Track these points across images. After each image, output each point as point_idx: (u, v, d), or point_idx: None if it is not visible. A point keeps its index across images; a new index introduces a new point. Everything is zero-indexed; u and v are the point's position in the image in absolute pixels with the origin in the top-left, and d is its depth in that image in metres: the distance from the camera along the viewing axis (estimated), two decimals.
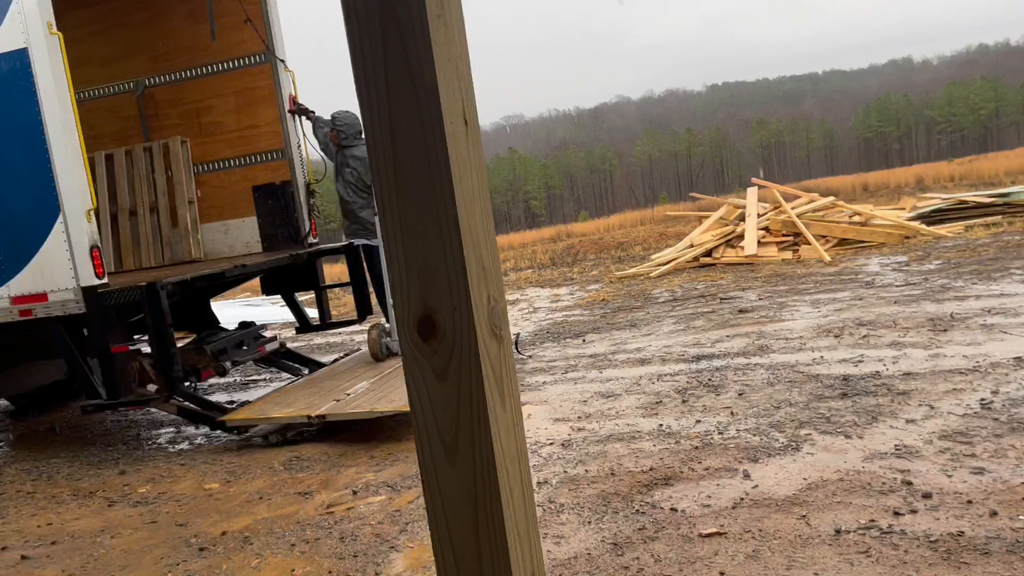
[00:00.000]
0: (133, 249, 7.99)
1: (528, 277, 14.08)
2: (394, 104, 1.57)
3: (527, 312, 10.09)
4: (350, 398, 5.71)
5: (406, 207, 1.65)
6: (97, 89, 8.18)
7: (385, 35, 1.56)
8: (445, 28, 1.58)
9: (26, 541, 4.17)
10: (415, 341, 1.69)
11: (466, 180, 1.64)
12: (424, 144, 1.59)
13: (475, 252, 1.67)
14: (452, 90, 1.59)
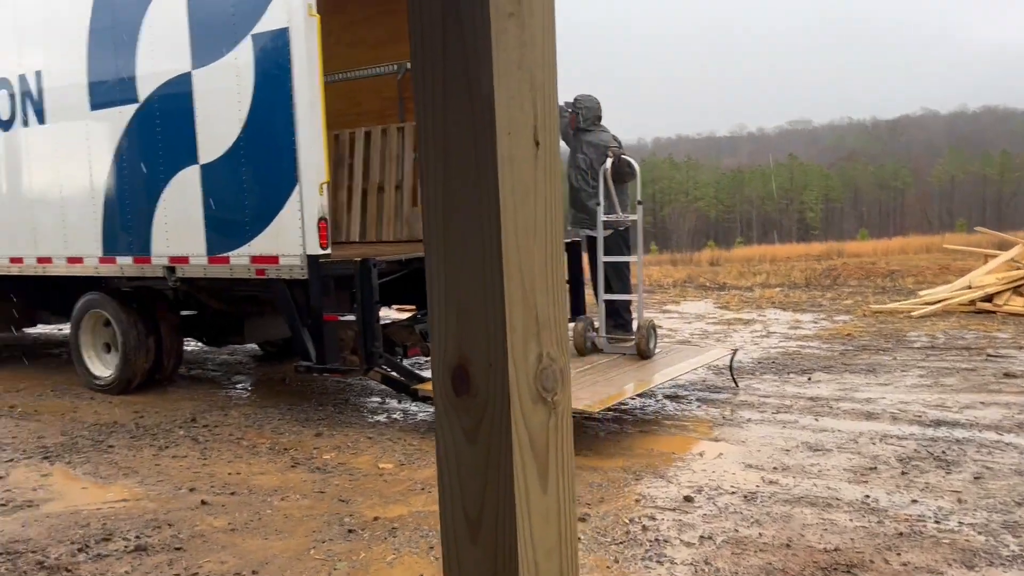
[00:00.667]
0: (376, 223, 8.46)
1: (772, 296, 13.13)
2: (449, 116, 1.33)
3: (758, 336, 9.37)
4: None
5: (450, 235, 1.40)
6: (366, 69, 8.72)
7: (445, 32, 1.32)
8: (519, 29, 1.30)
9: (212, 486, 4.51)
10: (447, 392, 1.43)
11: (524, 211, 1.36)
12: (475, 165, 1.33)
13: (526, 299, 1.38)
14: (520, 104, 1.31)
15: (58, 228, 7.10)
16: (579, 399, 5.27)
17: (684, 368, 6.40)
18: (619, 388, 5.65)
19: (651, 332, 6.50)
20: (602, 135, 7.05)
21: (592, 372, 6.08)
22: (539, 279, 1.40)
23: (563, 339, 1.47)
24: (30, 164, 7.29)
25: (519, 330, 1.37)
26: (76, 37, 6.66)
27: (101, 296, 7.11)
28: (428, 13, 1.30)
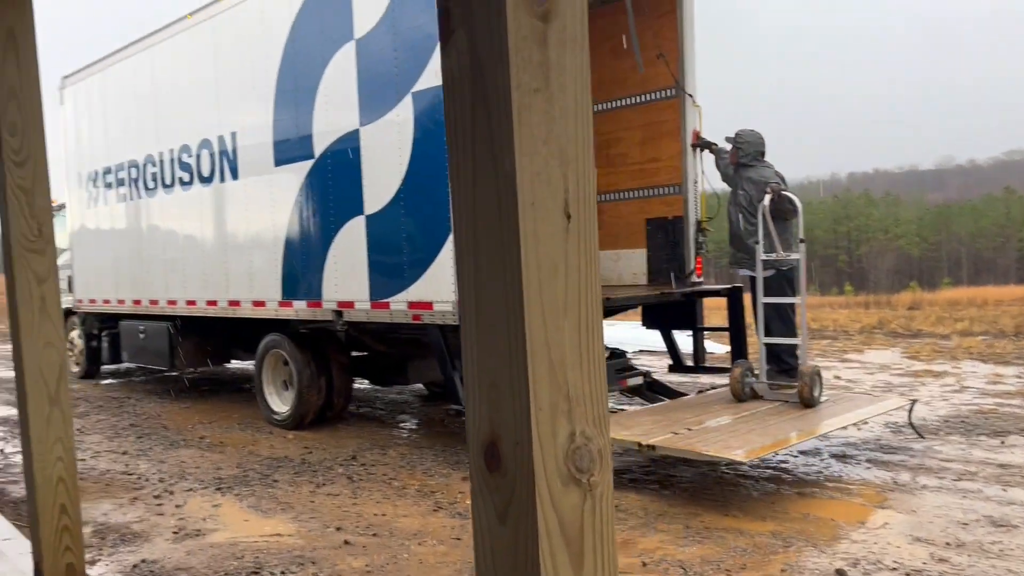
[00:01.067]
0: None
1: (973, 346, 11.94)
2: (478, 193, 1.35)
3: (949, 390, 8.54)
4: (690, 433, 5.39)
5: (480, 309, 1.41)
6: None
7: (474, 110, 1.34)
8: (547, 104, 1.30)
9: (357, 526, 4.69)
10: (480, 468, 1.43)
11: (552, 287, 1.34)
12: (500, 242, 1.34)
13: (554, 376, 1.36)
14: (547, 179, 1.31)
15: (245, 274, 7.77)
16: (730, 448, 5.03)
17: (853, 418, 5.94)
18: (775, 437, 5.31)
19: (816, 379, 6.09)
20: (764, 171, 6.78)
21: (748, 420, 5.78)
22: (570, 356, 1.36)
23: (601, 417, 1.41)
24: (225, 216, 8.05)
25: (546, 408, 1.33)
26: (264, 100, 7.33)
27: (280, 337, 7.67)
28: (460, 90, 1.32)
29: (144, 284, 9.24)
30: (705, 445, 5.08)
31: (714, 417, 5.82)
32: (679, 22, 7.40)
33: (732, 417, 5.84)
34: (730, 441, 5.17)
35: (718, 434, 5.36)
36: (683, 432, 5.42)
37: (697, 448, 5.05)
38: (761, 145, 6.90)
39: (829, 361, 11.05)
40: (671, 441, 5.22)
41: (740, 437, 5.28)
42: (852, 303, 35.48)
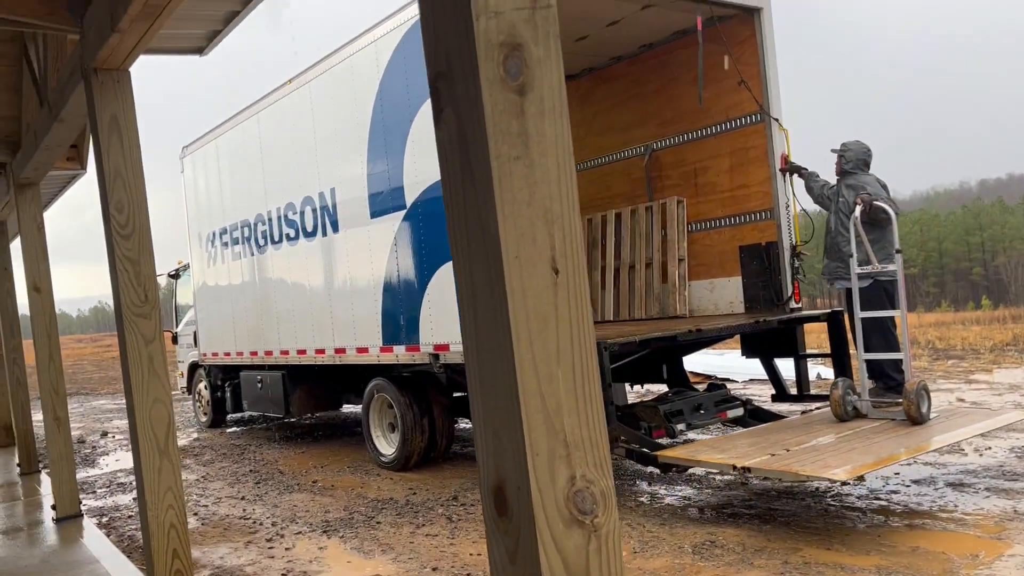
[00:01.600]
0: (628, 301, 8.59)
1: None
2: (472, 255, 1.48)
3: None
4: (787, 454, 5.23)
5: (482, 362, 1.54)
6: (616, 153, 9.02)
7: (463, 178, 1.48)
8: (528, 170, 1.43)
9: (453, 566, 4.80)
10: (491, 511, 1.54)
11: (544, 339, 1.45)
12: (493, 297, 1.46)
13: (550, 422, 1.46)
14: (532, 238, 1.43)
15: (349, 322, 8.13)
16: (828, 467, 4.85)
17: (966, 433, 5.60)
18: (879, 456, 5.06)
19: (922, 394, 5.80)
20: (863, 178, 6.61)
21: (850, 439, 5.53)
22: (566, 403, 1.44)
23: (602, 460, 1.48)
24: (328, 267, 8.47)
25: (543, 454, 1.42)
26: (358, 155, 7.72)
27: (384, 381, 7.96)
28: (450, 161, 1.45)
29: (260, 336, 9.78)
30: (802, 465, 4.92)
31: (815, 438, 5.63)
32: (759, 47, 7.34)
33: (834, 437, 5.64)
34: (829, 460, 4.99)
35: (817, 454, 5.18)
36: (780, 453, 5.27)
37: (794, 468, 4.90)
38: (865, 154, 6.74)
39: (953, 383, 10.46)
40: (767, 463, 5.08)
41: (841, 456, 5.09)
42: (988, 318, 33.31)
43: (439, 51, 1.41)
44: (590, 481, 1.42)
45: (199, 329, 11.43)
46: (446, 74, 1.40)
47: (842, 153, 6.80)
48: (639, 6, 7.23)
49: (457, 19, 1.35)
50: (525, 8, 1.33)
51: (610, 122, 9.00)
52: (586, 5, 7.01)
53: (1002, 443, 6.91)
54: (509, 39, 1.32)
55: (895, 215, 6.30)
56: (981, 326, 25.90)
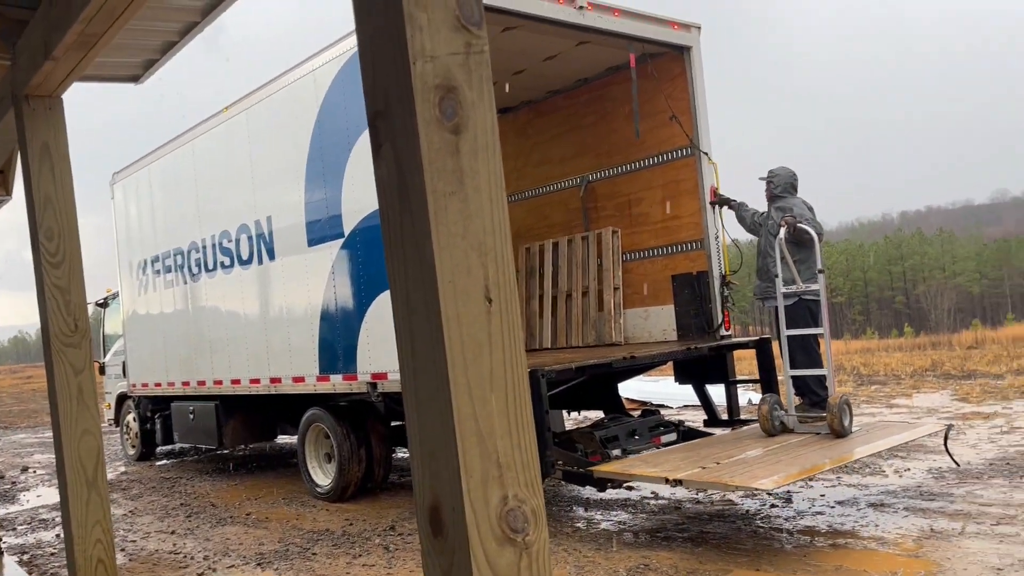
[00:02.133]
0: (565, 328, 8.71)
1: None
2: (410, 284, 1.54)
3: (999, 432, 8.32)
4: (718, 467, 5.41)
5: (419, 387, 1.59)
6: (553, 184, 9.20)
7: (401, 212, 1.54)
8: (463, 204, 1.50)
9: None
10: (426, 532, 1.59)
11: (478, 364, 1.51)
12: (429, 325, 1.52)
13: (483, 445, 1.52)
14: (466, 269, 1.49)
15: (285, 351, 8.04)
16: (755, 477, 5.05)
17: (886, 444, 5.92)
18: (804, 467, 5.29)
19: (844, 408, 6.06)
20: (791, 201, 6.92)
21: (777, 452, 5.76)
22: (499, 426, 1.51)
23: (533, 480, 1.55)
24: (264, 296, 8.39)
25: (477, 475, 1.49)
26: (296, 184, 7.69)
27: (321, 411, 7.89)
28: (389, 195, 1.52)
29: (192, 366, 9.59)
30: (732, 476, 5.11)
31: (744, 451, 5.84)
32: (689, 84, 7.61)
33: (762, 450, 5.85)
34: (757, 471, 5.20)
35: (746, 466, 5.39)
36: (711, 466, 5.44)
37: (724, 479, 5.08)
38: (791, 178, 7.06)
39: (875, 407, 10.85)
40: (698, 475, 5.27)
41: (768, 467, 5.31)
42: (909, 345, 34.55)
43: (378, 91, 1.48)
44: (522, 500, 1.48)
45: (128, 359, 11.13)
46: (384, 113, 1.47)
47: (770, 180, 7.12)
48: (575, 42, 7.44)
49: (395, 61, 1.42)
50: (459, 53, 1.41)
51: (547, 154, 9.18)
52: (524, 40, 7.18)
53: (920, 464, 7.21)
54: (444, 82, 1.40)
55: (818, 236, 6.57)
56: (903, 352, 26.89)
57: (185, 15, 3.28)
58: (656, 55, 7.58)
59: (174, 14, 3.25)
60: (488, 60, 1.45)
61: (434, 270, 1.39)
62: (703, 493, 6.85)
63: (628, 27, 7.14)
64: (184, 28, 3.35)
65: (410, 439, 1.53)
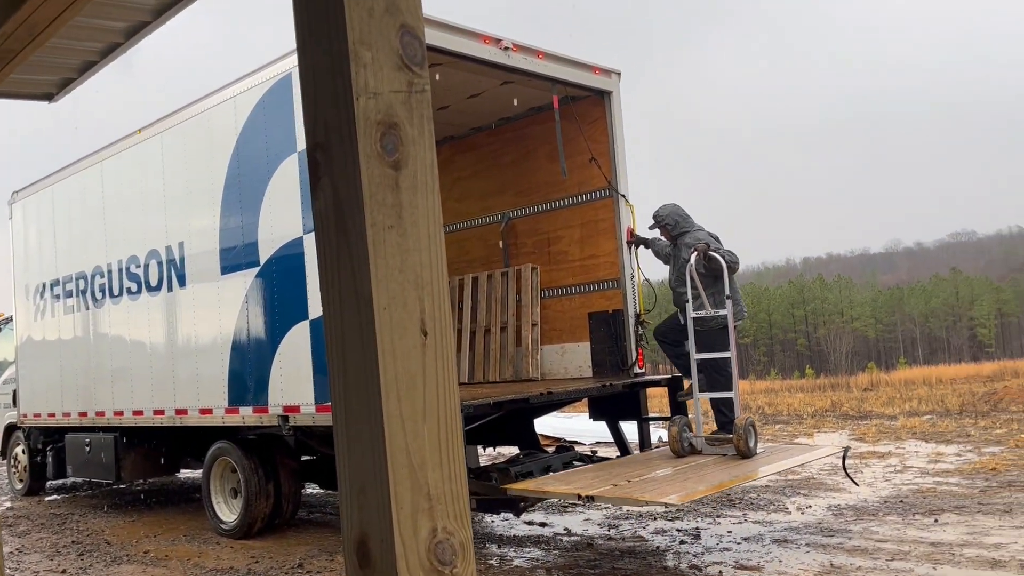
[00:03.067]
0: (483, 363, 8.73)
1: (917, 426, 12.22)
2: (345, 316, 1.53)
3: (893, 471, 8.72)
4: (629, 484, 5.57)
5: (350, 420, 1.57)
6: (474, 220, 9.27)
7: (338, 243, 1.53)
8: (401, 239, 1.50)
9: None
10: (353, 565, 1.57)
11: (412, 397, 1.51)
12: (363, 358, 1.51)
13: (415, 477, 1.52)
14: (404, 302, 1.50)
15: (192, 382, 7.78)
16: (664, 493, 5.23)
17: (788, 464, 6.25)
18: (710, 483, 5.52)
19: (750, 430, 6.29)
20: (698, 233, 7.11)
21: (685, 471, 5.98)
22: (431, 458, 1.52)
23: (462, 512, 1.56)
24: (172, 324, 8.11)
25: (407, 507, 1.48)
26: (211, 210, 7.52)
27: (228, 444, 7.64)
28: (326, 228, 1.52)
29: (90, 396, 9.16)
30: (642, 493, 5.29)
31: (654, 471, 6.04)
32: (609, 127, 7.83)
33: (672, 470, 6.07)
34: (666, 488, 5.39)
35: (655, 483, 5.58)
36: (622, 484, 5.61)
37: (634, 495, 5.26)
38: (679, 211, 7.24)
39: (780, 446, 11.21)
40: (610, 491, 5.42)
41: (676, 484, 5.51)
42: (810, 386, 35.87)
43: (318, 124, 1.50)
44: (451, 533, 1.49)
45: (20, 388, 10.56)
46: (324, 146, 1.48)
47: (661, 222, 7.25)
48: (498, 82, 7.58)
49: (337, 96, 1.44)
50: (402, 91, 1.44)
51: (469, 189, 9.26)
52: (449, 77, 7.27)
53: (821, 501, 7.48)
54: (386, 118, 1.43)
55: (730, 265, 6.76)
56: (804, 393, 27.89)
57: (108, 35, 3.20)
58: (578, 98, 7.79)
59: (96, 34, 3.18)
60: (429, 99, 1.48)
61: (371, 303, 1.40)
62: (615, 529, 6.93)
63: (551, 70, 7.32)
64: (106, 48, 3.27)
65: (339, 471, 1.52)
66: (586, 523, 7.28)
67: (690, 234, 7.15)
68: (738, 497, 7.87)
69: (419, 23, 1.50)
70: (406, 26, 1.52)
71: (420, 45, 1.50)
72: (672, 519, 7.18)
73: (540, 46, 7.24)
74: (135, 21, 3.07)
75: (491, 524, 7.58)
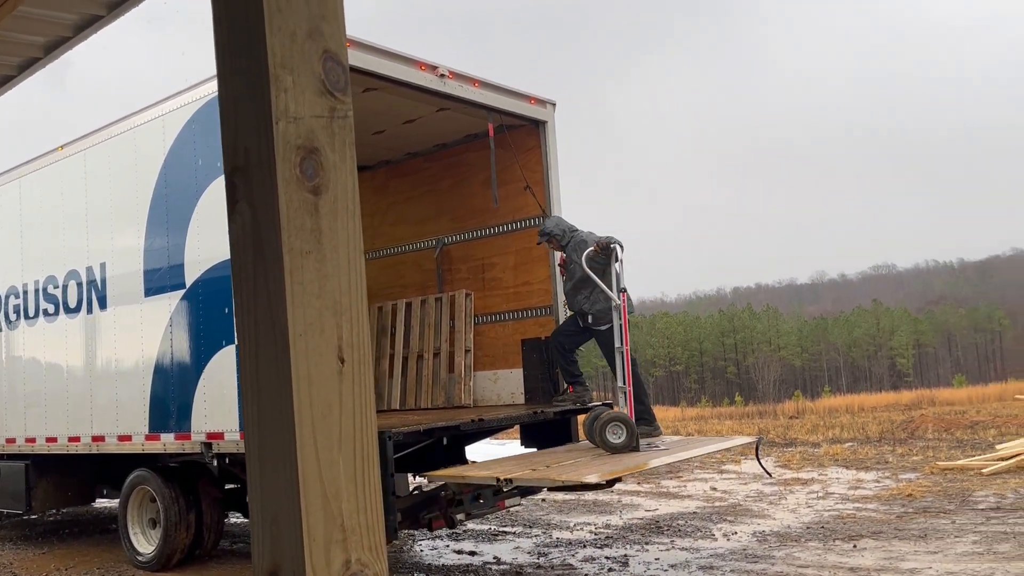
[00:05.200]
0: (415, 390, 8.66)
1: (838, 453, 12.56)
2: (260, 342, 1.50)
3: (815, 497, 8.93)
4: (547, 469, 5.66)
5: (264, 449, 1.54)
6: (409, 244, 9.23)
7: (255, 269, 1.50)
8: (319, 264, 1.48)
9: None
10: None
11: (327, 425, 1.49)
12: (277, 385, 1.48)
13: (328, 508, 1.49)
14: (321, 328, 1.48)
15: (111, 408, 7.51)
16: (582, 474, 5.36)
17: (702, 451, 6.61)
18: (627, 465, 5.74)
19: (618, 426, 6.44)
20: (581, 235, 7.19)
21: (603, 456, 6.05)
22: (346, 488, 1.49)
23: (377, 544, 1.53)
24: (92, 348, 7.83)
25: (319, 539, 1.46)
26: (136, 230, 7.31)
27: (148, 472, 7.37)
28: (243, 253, 1.49)
29: (0, 422, 8.75)
30: (560, 474, 5.40)
31: (574, 459, 6.13)
32: (544, 156, 7.92)
33: (591, 457, 6.15)
34: (583, 470, 5.52)
35: (575, 467, 5.70)
36: (542, 468, 5.69)
37: (552, 476, 5.37)
38: (564, 222, 7.33)
39: (708, 472, 11.39)
40: (529, 475, 5.52)
41: (595, 467, 5.62)
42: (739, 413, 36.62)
43: (238, 147, 1.48)
44: (365, 564, 1.46)
45: None
46: (243, 169, 1.46)
47: (552, 236, 7.26)
48: (435, 108, 7.60)
49: (258, 119, 1.42)
50: (324, 116, 1.43)
51: (404, 214, 9.22)
52: (385, 101, 7.25)
53: (747, 528, 7.60)
54: (307, 143, 1.42)
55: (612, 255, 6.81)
56: (733, 420, 28.43)
57: (26, 50, 3.11)
58: (513, 127, 7.86)
59: (13, 48, 3.09)
60: (352, 125, 1.48)
61: (287, 329, 1.38)
62: (544, 557, 6.91)
63: (487, 98, 7.38)
64: (24, 63, 3.18)
65: (251, 501, 1.49)
66: (516, 551, 7.25)
67: (578, 234, 7.22)
68: (666, 524, 7.95)
69: (342, 49, 1.50)
70: (329, 52, 1.52)
71: (343, 71, 1.50)
72: (601, 546, 7.20)
73: (477, 74, 7.30)
74: (55, 36, 3.00)
75: (419, 553, 7.48)
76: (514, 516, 8.86)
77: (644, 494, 9.91)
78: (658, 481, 10.73)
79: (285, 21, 1.44)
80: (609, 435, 6.18)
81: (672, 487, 10.31)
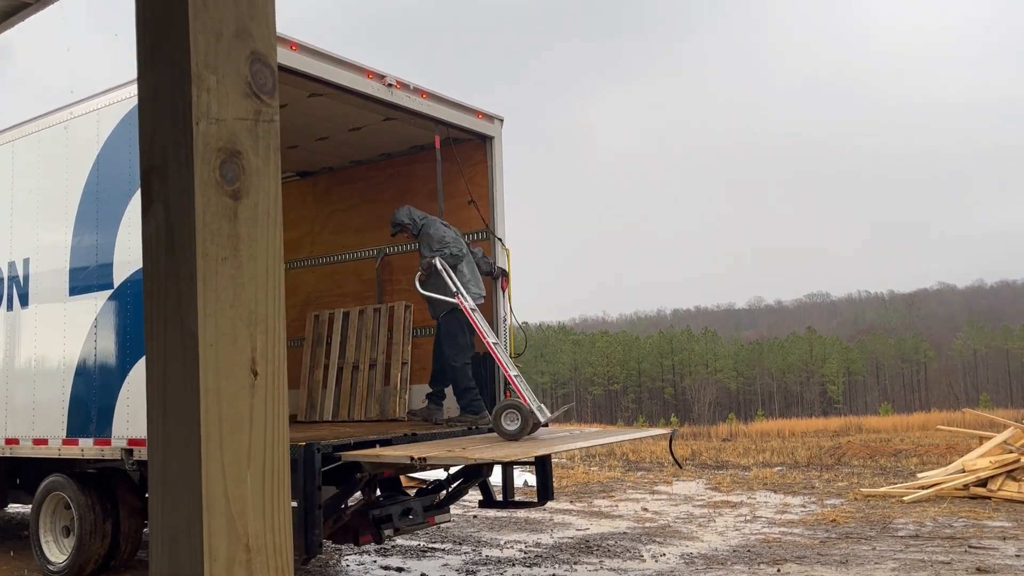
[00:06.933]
0: (349, 401, 8.51)
1: (767, 478, 12.78)
2: (168, 351, 1.42)
3: (743, 520, 9.05)
4: (463, 450, 5.75)
5: (168, 465, 1.46)
6: (349, 253, 9.11)
7: (167, 275, 1.43)
8: (235, 271, 1.41)
9: None
10: None
11: (236, 441, 1.42)
12: (184, 396, 1.41)
13: (233, 527, 1.41)
14: (232, 339, 1.40)
15: (28, 410, 7.20)
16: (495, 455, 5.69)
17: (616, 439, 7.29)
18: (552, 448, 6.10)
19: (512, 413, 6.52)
20: (434, 228, 7.37)
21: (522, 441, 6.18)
22: (253, 507, 1.42)
23: (285, 565, 1.47)
24: (10, 346, 7.50)
25: (222, 560, 1.38)
26: (63, 226, 7.06)
27: (63, 478, 7.08)
28: (155, 256, 1.42)
29: None
30: (472, 453, 5.57)
31: (490, 443, 6.22)
32: (490, 171, 7.91)
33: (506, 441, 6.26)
34: (497, 452, 5.72)
35: (489, 449, 5.83)
36: (457, 449, 5.82)
37: (465, 455, 5.56)
38: (412, 210, 7.55)
39: (640, 492, 11.47)
40: (442, 454, 5.63)
41: (507, 450, 5.83)
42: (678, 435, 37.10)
43: (155, 145, 1.41)
44: None
45: None
46: (160, 168, 1.40)
47: (399, 224, 7.52)
48: (381, 117, 7.53)
49: (176, 118, 1.37)
50: (248, 119, 1.38)
51: (345, 222, 9.11)
52: (330, 108, 7.16)
53: (675, 549, 7.66)
54: (228, 145, 1.36)
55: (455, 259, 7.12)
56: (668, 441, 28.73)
57: None
58: (460, 140, 7.83)
59: None
60: (277, 130, 1.43)
61: (196, 338, 1.32)
62: (471, 575, 6.83)
63: (435, 110, 7.35)
64: None
65: (152, 517, 1.41)
66: (444, 568, 7.16)
67: (426, 227, 7.36)
68: (596, 543, 7.96)
69: (271, 51, 1.44)
70: (257, 53, 1.46)
71: (271, 73, 1.45)
72: (530, 565, 7.16)
73: (425, 86, 7.26)
74: None
75: (345, 568, 7.34)
76: (444, 532, 8.76)
77: (576, 513, 9.91)
78: (591, 500, 10.75)
79: (211, 18, 1.38)
80: (505, 422, 6.34)
81: (604, 507, 10.34)
